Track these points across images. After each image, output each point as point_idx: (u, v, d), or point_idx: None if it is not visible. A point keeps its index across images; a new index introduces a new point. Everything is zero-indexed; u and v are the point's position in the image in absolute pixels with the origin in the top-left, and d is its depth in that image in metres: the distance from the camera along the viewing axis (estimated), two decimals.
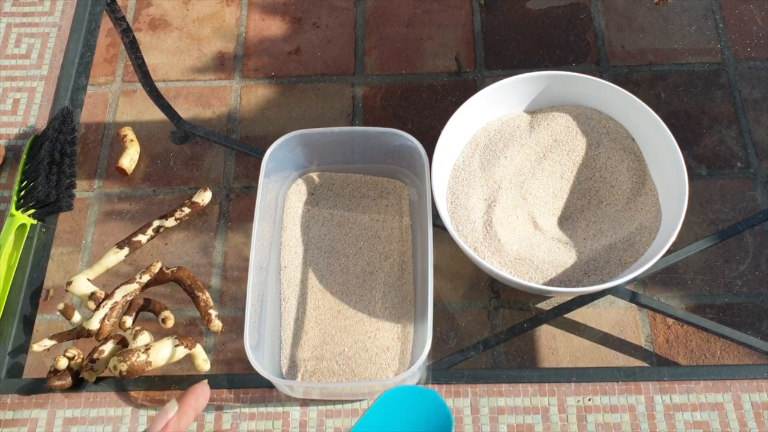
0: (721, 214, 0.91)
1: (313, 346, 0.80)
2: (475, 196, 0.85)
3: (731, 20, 1.06)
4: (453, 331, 0.85)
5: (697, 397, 0.75)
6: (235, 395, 0.78)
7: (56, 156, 0.91)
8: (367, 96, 1.02)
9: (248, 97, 1.03)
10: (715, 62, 1.03)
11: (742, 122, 0.98)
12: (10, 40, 1.04)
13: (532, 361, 0.83)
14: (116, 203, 0.94)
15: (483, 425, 0.75)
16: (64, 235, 0.92)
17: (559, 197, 0.87)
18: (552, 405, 0.75)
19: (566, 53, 1.05)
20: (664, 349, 0.84)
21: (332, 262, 0.86)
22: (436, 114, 0.99)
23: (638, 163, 0.86)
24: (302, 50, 1.07)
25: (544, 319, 0.84)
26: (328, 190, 0.91)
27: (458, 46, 1.06)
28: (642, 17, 1.07)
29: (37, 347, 0.79)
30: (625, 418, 0.74)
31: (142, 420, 0.77)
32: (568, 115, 0.89)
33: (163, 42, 1.08)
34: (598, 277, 0.80)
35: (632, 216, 0.84)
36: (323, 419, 0.76)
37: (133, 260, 0.89)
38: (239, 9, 1.11)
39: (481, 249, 0.82)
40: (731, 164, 0.95)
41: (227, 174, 0.96)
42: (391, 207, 0.89)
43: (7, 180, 0.94)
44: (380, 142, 0.86)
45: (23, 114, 0.98)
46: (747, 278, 0.87)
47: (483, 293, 0.87)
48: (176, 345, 0.76)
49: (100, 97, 1.03)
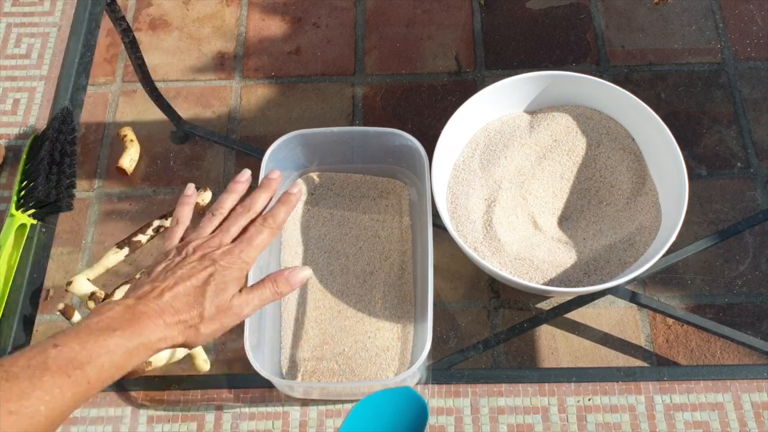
0: (721, 214, 0.91)
1: (313, 346, 0.80)
2: (475, 196, 0.85)
3: (731, 20, 1.06)
4: (453, 331, 0.85)
5: (697, 397, 0.75)
6: (235, 395, 0.78)
7: (56, 156, 0.91)
8: (367, 96, 1.02)
9: (248, 97, 1.03)
10: (715, 62, 1.03)
11: (742, 122, 0.98)
12: (10, 40, 1.04)
13: (532, 361, 0.83)
14: (116, 203, 0.94)
15: (483, 425, 0.75)
16: (64, 235, 0.92)
17: (559, 197, 0.87)
18: (552, 405, 0.75)
19: (566, 53, 1.05)
20: (664, 349, 0.84)
21: (332, 262, 0.86)
22: (436, 114, 1.00)
23: (638, 163, 0.86)
24: (302, 50, 1.07)
25: (544, 319, 0.84)
26: (328, 190, 0.91)
27: (458, 46, 1.06)
28: (642, 17, 1.07)
29: None
30: (625, 418, 0.74)
31: (142, 420, 0.77)
32: (568, 115, 0.89)
33: (163, 42, 1.08)
34: (598, 277, 0.80)
35: (632, 216, 0.84)
36: (323, 419, 0.76)
37: (133, 260, 0.89)
38: (239, 9, 1.11)
39: (481, 249, 0.82)
40: (731, 164, 0.95)
41: (227, 174, 0.96)
42: (391, 207, 0.89)
43: (7, 180, 0.94)
44: (380, 142, 0.86)
45: (23, 114, 0.98)
46: (747, 278, 0.87)
47: (483, 293, 0.87)
48: None
49: (100, 97, 1.03)
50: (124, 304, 0.52)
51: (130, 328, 0.50)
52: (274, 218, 0.60)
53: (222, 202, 0.62)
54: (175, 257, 0.57)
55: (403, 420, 0.61)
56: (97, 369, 0.48)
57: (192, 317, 0.53)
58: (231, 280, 0.55)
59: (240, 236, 0.59)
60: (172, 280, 0.54)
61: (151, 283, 0.54)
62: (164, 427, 0.73)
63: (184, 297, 0.53)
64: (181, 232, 0.61)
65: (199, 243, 0.57)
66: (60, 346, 0.47)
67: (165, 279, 0.54)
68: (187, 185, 0.65)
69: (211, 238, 0.58)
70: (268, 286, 0.57)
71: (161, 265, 0.56)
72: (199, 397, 0.74)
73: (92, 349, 0.48)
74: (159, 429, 0.73)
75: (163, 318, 0.52)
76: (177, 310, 0.53)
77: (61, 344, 0.48)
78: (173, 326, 0.52)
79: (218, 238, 0.58)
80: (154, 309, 0.52)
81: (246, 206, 0.61)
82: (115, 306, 0.52)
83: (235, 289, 0.55)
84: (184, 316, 0.53)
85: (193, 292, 0.54)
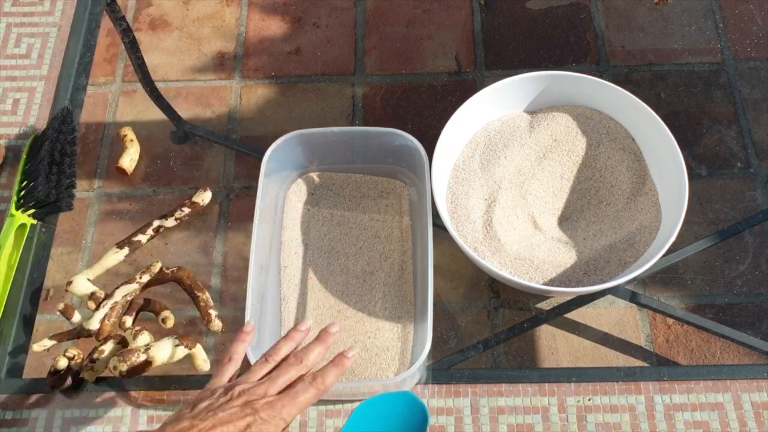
0: (721, 214, 0.91)
1: None
2: (475, 196, 0.85)
3: (731, 20, 1.06)
4: (453, 331, 0.85)
5: (697, 397, 0.75)
6: None
7: (56, 156, 0.91)
8: (367, 96, 1.02)
9: (248, 97, 1.03)
10: (715, 62, 1.03)
11: (742, 122, 0.98)
12: (10, 40, 1.04)
13: (532, 361, 0.83)
14: (116, 203, 0.94)
15: (483, 425, 0.75)
16: (64, 235, 0.92)
17: (559, 197, 0.87)
18: (552, 405, 0.75)
19: (566, 53, 1.05)
20: (664, 349, 0.84)
21: (332, 262, 0.86)
22: (436, 114, 0.99)
23: (638, 163, 0.86)
24: (302, 50, 1.07)
25: (544, 319, 0.84)
26: (328, 190, 0.91)
27: (458, 46, 1.06)
28: (642, 17, 1.07)
29: (37, 347, 0.79)
30: (625, 418, 0.74)
31: (142, 420, 0.77)
32: (568, 115, 0.89)
33: (163, 42, 1.08)
34: (598, 277, 0.80)
35: (632, 216, 0.84)
36: (323, 419, 0.76)
37: (133, 260, 0.89)
38: (239, 9, 1.11)
39: (481, 249, 0.82)
40: (731, 164, 0.95)
41: (227, 174, 0.96)
42: (391, 207, 0.89)
43: (7, 180, 0.94)
44: (380, 142, 0.86)
45: (23, 114, 0.98)
46: (747, 278, 0.87)
47: (483, 293, 0.87)
48: (176, 345, 0.76)
49: (100, 97, 1.03)
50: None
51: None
52: (323, 379, 0.60)
53: (277, 349, 0.63)
54: (220, 398, 0.58)
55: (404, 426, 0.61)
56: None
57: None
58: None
59: (287, 389, 0.59)
60: (211, 422, 0.55)
61: (191, 420, 0.55)
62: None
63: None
64: (232, 371, 0.62)
65: (245, 388, 0.58)
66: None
67: (205, 418, 0.55)
68: (246, 323, 0.67)
69: (258, 386, 0.59)
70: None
71: (205, 403, 0.57)
72: None
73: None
74: None
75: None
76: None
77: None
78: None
79: (264, 386, 0.59)
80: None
81: (299, 357, 0.62)
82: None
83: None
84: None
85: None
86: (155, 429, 0.55)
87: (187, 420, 0.55)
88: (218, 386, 0.60)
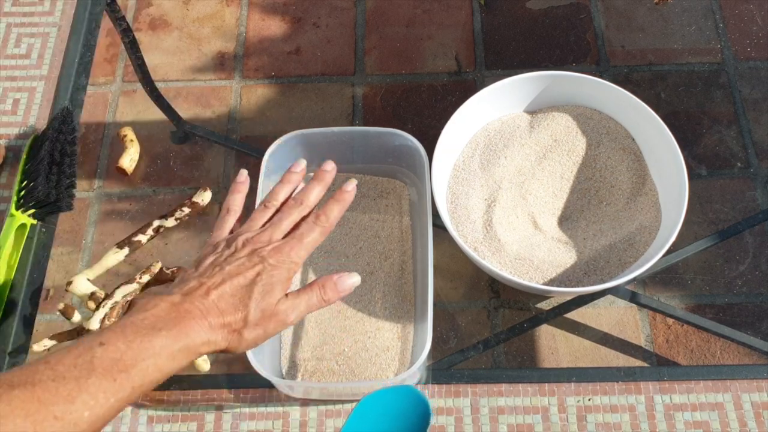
0: (721, 214, 0.92)
1: (313, 346, 0.80)
2: (475, 196, 0.85)
3: (731, 20, 1.06)
4: (453, 331, 0.85)
5: (697, 397, 0.75)
6: (235, 395, 0.78)
7: (56, 156, 0.91)
8: (367, 96, 1.02)
9: (248, 97, 1.03)
10: (715, 62, 1.03)
11: (742, 122, 0.98)
12: (10, 40, 1.04)
13: (532, 361, 0.83)
14: (116, 203, 0.94)
15: (483, 425, 0.75)
16: (64, 235, 0.92)
17: (559, 197, 0.87)
18: (552, 405, 0.75)
19: (566, 53, 1.05)
20: (664, 349, 0.84)
21: (332, 262, 0.86)
22: (436, 114, 1.00)
23: (638, 163, 0.86)
24: (302, 50, 1.07)
25: (544, 319, 0.84)
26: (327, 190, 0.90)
27: (458, 46, 1.06)
28: (642, 17, 1.07)
29: (37, 347, 0.79)
30: (625, 418, 0.74)
31: (142, 420, 0.77)
32: (568, 115, 0.89)
33: (163, 42, 1.08)
34: (598, 277, 0.80)
35: (632, 216, 0.84)
36: (323, 419, 0.76)
37: (133, 260, 0.89)
38: (239, 9, 1.11)
39: (481, 249, 0.82)
40: (731, 164, 0.95)
41: (227, 174, 0.96)
42: (391, 207, 0.89)
43: (7, 180, 0.94)
44: (380, 142, 0.86)
45: (23, 114, 0.98)
46: (747, 278, 0.87)
47: (483, 293, 0.87)
48: None
49: (100, 97, 1.03)
50: (169, 301, 0.49)
51: (176, 328, 0.48)
52: (327, 216, 0.57)
53: (275, 194, 0.59)
54: (224, 251, 0.54)
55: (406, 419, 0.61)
56: (141, 373, 0.46)
57: (236, 320, 0.50)
58: (278, 282, 0.52)
59: (291, 233, 0.56)
60: (219, 277, 0.51)
61: (198, 279, 0.52)
62: (164, 427, 0.73)
63: (230, 297, 0.51)
64: (232, 223, 0.59)
65: (249, 237, 0.55)
66: (106, 344, 0.45)
67: (212, 275, 0.52)
68: (239, 171, 0.62)
69: (262, 233, 0.55)
70: (315, 292, 0.54)
71: (209, 259, 0.54)
72: (199, 397, 0.74)
73: (138, 350, 0.46)
74: (159, 429, 0.73)
75: (208, 320, 0.49)
76: (222, 311, 0.50)
77: (107, 342, 0.45)
78: (218, 330, 0.50)
79: (269, 233, 0.55)
80: (199, 308, 0.49)
81: (299, 200, 0.59)
82: (160, 302, 0.49)
83: (282, 292, 0.53)
84: (229, 318, 0.50)
85: (239, 293, 0.51)
86: (164, 290, 0.50)
87: (194, 279, 0.51)
88: (220, 239, 0.56)
